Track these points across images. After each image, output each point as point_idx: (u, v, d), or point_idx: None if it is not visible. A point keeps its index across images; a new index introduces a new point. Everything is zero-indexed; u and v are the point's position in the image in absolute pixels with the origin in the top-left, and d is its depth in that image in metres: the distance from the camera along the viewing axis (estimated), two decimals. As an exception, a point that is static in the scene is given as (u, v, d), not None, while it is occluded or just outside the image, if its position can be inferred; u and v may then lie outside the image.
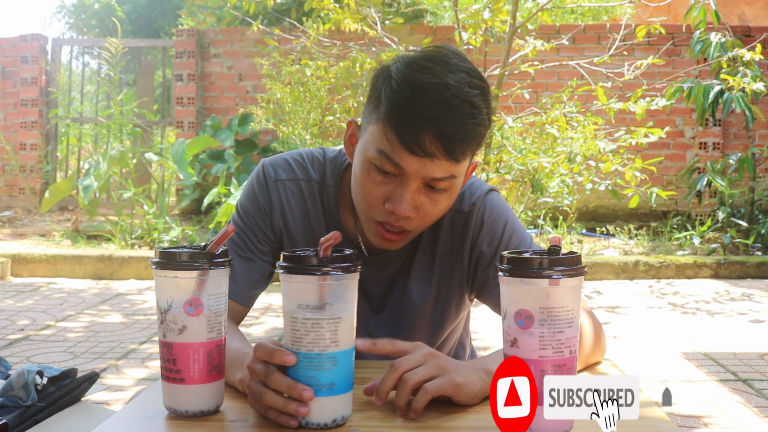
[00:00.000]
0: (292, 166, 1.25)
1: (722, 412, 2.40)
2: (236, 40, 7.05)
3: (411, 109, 1.02)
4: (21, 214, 7.11)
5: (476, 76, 1.07)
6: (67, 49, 7.88)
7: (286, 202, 1.24)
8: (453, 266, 1.23)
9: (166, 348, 0.92)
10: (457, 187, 1.10)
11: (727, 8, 7.64)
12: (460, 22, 4.82)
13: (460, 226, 1.22)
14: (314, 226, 1.24)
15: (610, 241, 5.93)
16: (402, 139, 1.02)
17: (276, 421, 0.87)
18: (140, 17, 12.21)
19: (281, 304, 0.91)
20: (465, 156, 1.06)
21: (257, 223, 1.24)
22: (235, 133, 6.72)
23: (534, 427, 0.82)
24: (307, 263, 0.86)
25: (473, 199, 1.22)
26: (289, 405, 0.85)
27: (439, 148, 1.02)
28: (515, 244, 1.21)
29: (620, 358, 3.04)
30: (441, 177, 1.05)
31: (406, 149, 1.03)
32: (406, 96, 1.03)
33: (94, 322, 3.73)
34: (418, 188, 1.06)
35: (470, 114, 1.03)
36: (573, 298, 0.83)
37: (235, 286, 1.22)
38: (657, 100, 4.80)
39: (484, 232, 1.21)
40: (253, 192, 1.26)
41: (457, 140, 1.02)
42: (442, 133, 1.01)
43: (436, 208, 1.09)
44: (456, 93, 1.02)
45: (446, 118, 1.01)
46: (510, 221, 1.22)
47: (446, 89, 1.02)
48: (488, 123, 1.08)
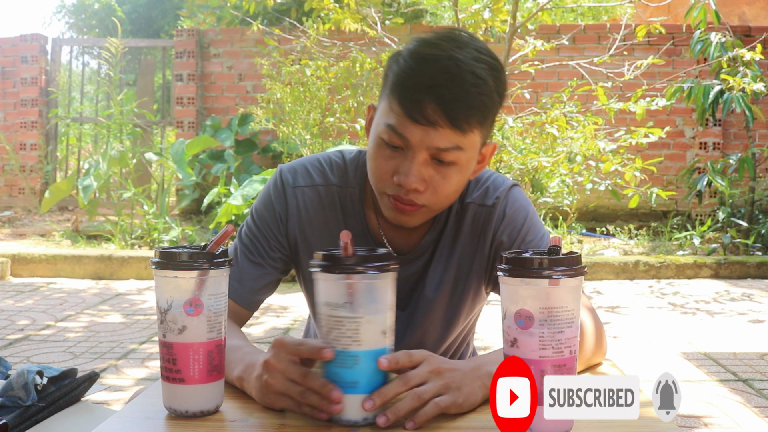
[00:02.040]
0: (311, 172, 1.24)
1: (722, 412, 2.40)
2: (236, 40, 7.05)
3: (413, 79, 1.04)
4: (21, 214, 7.11)
5: (486, 53, 1.07)
6: (67, 49, 7.88)
7: (304, 209, 1.23)
8: (473, 259, 1.23)
9: (166, 348, 0.92)
10: (467, 163, 1.09)
11: (727, 8, 7.64)
12: (460, 22, 4.82)
13: (483, 219, 1.22)
14: (333, 232, 1.23)
15: (610, 241, 5.93)
16: (405, 108, 1.04)
17: (309, 414, 0.90)
18: (140, 17, 12.22)
19: (282, 305, 0.92)
20: (471, 126, 1.05)
21: (271, 230, 1.24)
22: (235, 133, 6.71)
23: (534, 427, 0.82)
24: (334, 262, 0.88)
25: (497, 193, 1.22)
26: (324, 403, 0.88)
27: (441, 116, 1.02)
28: (531, 239, 1.21)
29: (620, 358, 3.04)
30: (446, 147, 1.05)
31: (410, 118, 1.04)
32: (410, 67, 1.05)
33: (93, 322, 3.73)
34: (425, 161, 1.06)
35: (473, 83, 1.03)
36: (573, 298, 0.83)
37: (242, 289, 1.21)
38: (657, 100, 4.80)
39: (505, 224, 1.21)
40: (270, 198, 1.25)
41: (458, 107, 1.02)
42: (443, 100, 1.02)
43: (447, 183, 1.08)
44: (459, 63, 1.03)
45: (446, 84, 1.02)
46: (530, 216, 1.23)
47: (449, 60, 1.03)
48: (497, 99, 1.08)
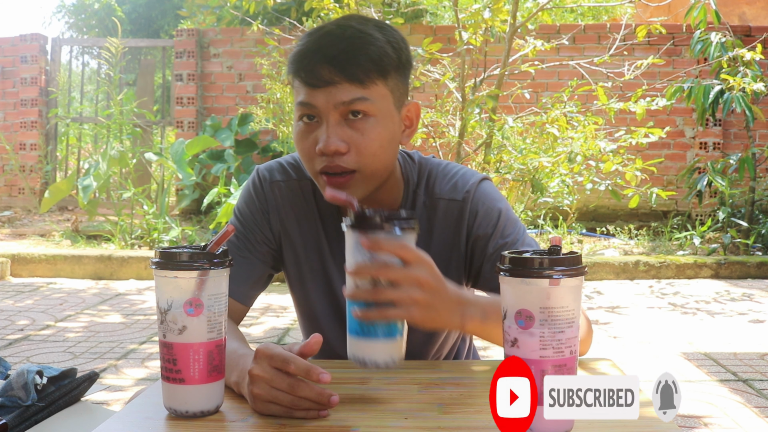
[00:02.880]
0: (286, 168, 1.28)
1: (722, 412, 2.40)
2: (236, 40, 7.05)
3: (303, 51, 1.10)
4: (21, 214, 7.11)
5: (374, 21, 1.13)
6: (67, 49, 7.88)
7: (282, 203, 1.27)
8: (450, 255, 1.24)
9: (166, 348, 0.92)
10: (384, 118, 1.11)
11: (727, 8, 7.64)
12: (460, 21, 4.82)
13: (455, 215, 1.23)
14: (308, 225, 1.26)
15: (610, 241, 5.93)
16: (302, 78, 1.09)
17: (303, 417, 0.90)
18: (140, 17, 12.22)
19: (281, 305, 0.93)
20: (368, 77, 1.08)
21: (256, 225, 1.26)
22: (235, 133, 6.71)
23: (534, 427, 0.82)
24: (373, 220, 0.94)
25: (467, 187, 1.23)
26: (322, 397, 0.89)
27: (335, 73, 1.06)
28: (510, 232, 1.21)
29: (620, 358, 3.04)
30: (350, 99, 1.07)
31: (309, 86, 1.08)
32: (299, 44, 1.11)
33: (93, 322, 3.73)
34: (337, 121, 1.09)
35: (358, 36, 1.08)
36: (573, 298, 0.83)
37: (235, 285, 1.22)
38: (657, 100, 4.81)
39: (480, 219, 1.21)
40: (250, 195, 1.28)
41: (349, 60, 1.06)
42: (329, 56, 1.07)
43: (367, 139, 1.10)
44: (343, 26, 1.10)
45: (330, 42, 1.08)
46: (505, 210, 1.24)
47: (333, 26, 1.10)
48: (393, 53, 1.11)
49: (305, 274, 1.28)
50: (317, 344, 0.91)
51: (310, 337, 0.92)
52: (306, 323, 1.35)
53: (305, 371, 0.88)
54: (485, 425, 0.88)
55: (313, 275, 1.27)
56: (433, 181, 1.24)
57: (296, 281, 1.30)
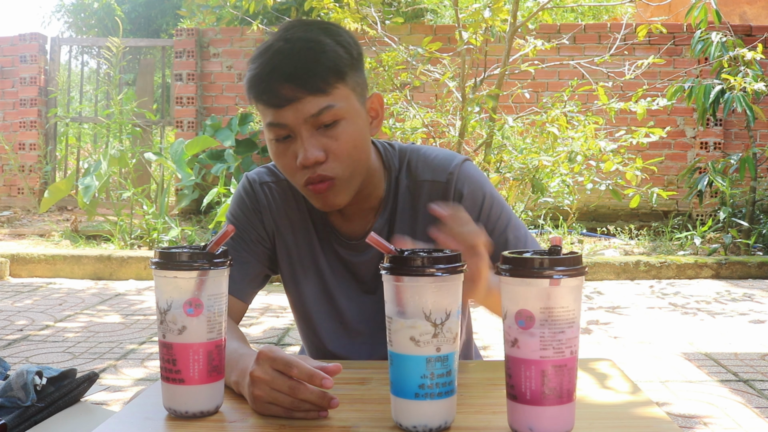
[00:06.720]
0: (274, 171, 1.31)
1: (723, 412, 2.40)
2: (236, 40, 7.05)
3: (257, 76, 1.10)
4: (20, 213, 7.10)
5: (317, 24, 1.14)
6: (66, 49, 7.87)
7: (273, 203, 1.29)
8: None
9: (166, 348, 0.91)
10: (353, 118, 1.12)
11: (728, 8, 7.64)
12: (460, 21, 4.82)
13: (439, 197, 1.23)
14: (299, 224, 1.28)
15: (610, 241, 5.93)
16: (265, 102, 1.10)
17: (304, 418, 0.90)
18: (140, 17, 12.21)
19: (281, 305, 0.92)
20: (328, 84, 1.09)
21: (250, 225, 1.28)
22: (234, 133, 6.71)
23: (534, 427, 0.82)
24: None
25: (450, 169, 1.24)
26: (323, 399, 0.89)
27: (296, 90, 1.07)
28: (497, 213, 1.23)
29: (621, 358, 3.04)
30: (319, 111, 1.09)
31: (273, 107, 1.09)
32: (251, 69, 1.12)
33: (93, 323, 3.72)
34: (310, 132, 1.10)
35: (308, 48, 1.08)
36: (574, 298, 0.83)
37: (232, 282, 1.22)
38: (658, 100, 4.81)
39: (465, 201, 1.22)
40: (241, 198, 1.30)
41: (305, 74, 1.07)
42: (287, 74, 1.07)
43: (341, 142, 1.12)
44: (288, 39, 1.10)
45: (283, 60, 1.08)
46: (489, 190, 1.25)
47: (279, 41, 1.10)
48: (343, 52, 1.11)
49: (298, 273, 1.29)
50: (333, 373, 0.90)
51: (332, 364, 0.91)
52: (302, 324, 1.35)
53: (308, 376, 0.88)
54: (485, 425, 0.88)
55: (306, 274, 1.29)
56: (414, 164, 1.26)
57: (290, 281, 1.31)
